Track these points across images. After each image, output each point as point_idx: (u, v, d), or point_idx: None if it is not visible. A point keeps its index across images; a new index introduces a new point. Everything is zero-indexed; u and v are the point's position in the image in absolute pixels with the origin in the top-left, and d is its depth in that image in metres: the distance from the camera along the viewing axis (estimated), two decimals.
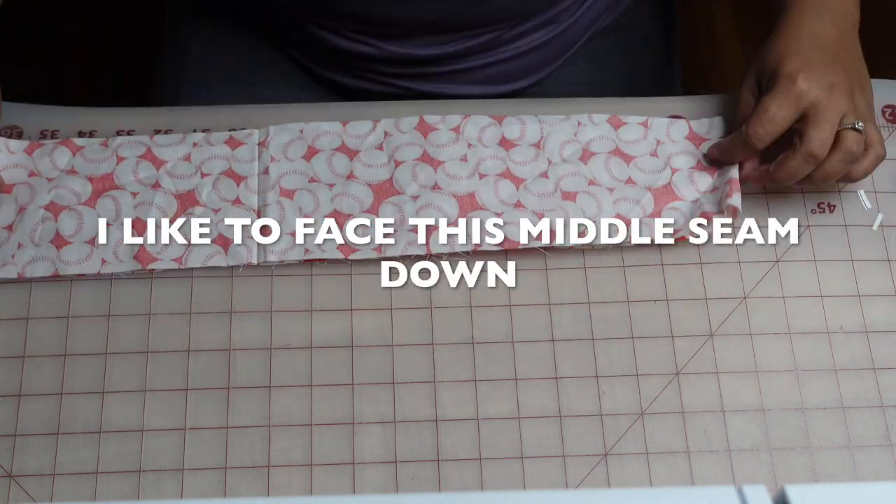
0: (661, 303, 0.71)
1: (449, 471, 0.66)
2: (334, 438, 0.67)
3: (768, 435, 0.67)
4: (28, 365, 0.68)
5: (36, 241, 0.71)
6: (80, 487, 0.65)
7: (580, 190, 0.74)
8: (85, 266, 0.70)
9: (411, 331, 0.70)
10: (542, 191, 0.74)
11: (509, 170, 0.75)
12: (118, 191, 0.73)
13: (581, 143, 0.76)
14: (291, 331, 0.70)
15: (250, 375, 0.68)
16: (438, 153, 0.75)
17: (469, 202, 0.73)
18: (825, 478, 0.66)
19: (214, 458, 0.66)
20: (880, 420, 0.68)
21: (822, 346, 0.70)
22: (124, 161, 0.74)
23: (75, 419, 0.67)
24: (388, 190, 0.74)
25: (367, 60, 0.88)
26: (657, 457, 0.66)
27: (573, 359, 0.69)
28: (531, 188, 0.74)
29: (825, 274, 0.72)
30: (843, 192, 0.75)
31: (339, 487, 0.65)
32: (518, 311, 0.70)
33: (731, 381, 0.69)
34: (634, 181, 0.74)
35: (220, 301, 0.70)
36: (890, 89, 0.80)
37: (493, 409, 0.68)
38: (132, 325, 0.69)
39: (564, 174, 0.75)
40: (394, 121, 0.76)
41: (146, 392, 0.67)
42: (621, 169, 0.75)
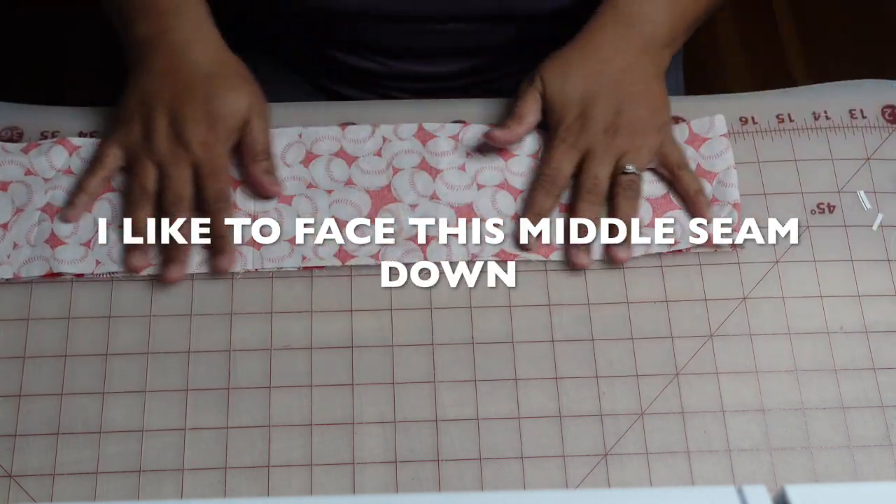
0: (661, 303, 0.71)
1: (449, 471, 0.66)
2: (334, 438, 0.67)
3: (768, 435, 0.67)
4: (28, 365, 0.68)
5: (32, 241, 0.71)
6: (80, 487, 0.65)
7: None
8: (80, 266, 0.70)
9: (411, 331, 0.70)
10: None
11: (507, 181, 0.74)
12: (114, 193, 0.73)
13: None
14: (291, 331, 0.70)
15: (250, 376, 0.68)
16: (437, 161, 0.75)
17: (467, 212, 0.73)
18: (825, 478, 0.66)
19: (214, 458, 0.66)
20: (880, 420, 0.68)
21: (822, 346, 0.70)
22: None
23: (75, 419, 0.67)
24: (387, 197, 0.73)
25: (371, 75, 0.88)
26: (657, 457, 0.66)
27: (573, 359, 0.69)
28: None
29: (825, 274, 0.72)
30: (843, 193, 0.75)
31: (339, 487, 0.65)
32: (518, 312, 0.70)
33: (731, 382, 0.69)
34: None
35: (221, 302, 0.70)
36: (890, 89, 0.80)
37: (493, 409, 0.68)
38: (133, 326, 0.69)
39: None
40: (392, 127, 0.76)
41: (146, 392, 0.67)
42: None
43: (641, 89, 0.74)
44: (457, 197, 0.74)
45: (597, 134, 0.72)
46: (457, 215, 0.73)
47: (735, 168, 0.74)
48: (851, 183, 0.76)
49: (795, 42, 1.65)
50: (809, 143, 0.77)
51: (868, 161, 0.77)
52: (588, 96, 0.73)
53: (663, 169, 0.74)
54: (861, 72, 0.83)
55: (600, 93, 0.73)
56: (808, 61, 1.63)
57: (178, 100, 0.71)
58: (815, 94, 0.79)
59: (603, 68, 0.74)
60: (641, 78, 0.74)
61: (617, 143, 0.72)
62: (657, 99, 0.75)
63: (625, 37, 0.74)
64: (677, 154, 0.74)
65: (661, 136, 0.74)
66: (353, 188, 0.74)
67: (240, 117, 0.72)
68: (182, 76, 0.72)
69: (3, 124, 0.76)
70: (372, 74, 0.88)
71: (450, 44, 0.84)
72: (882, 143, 0.77)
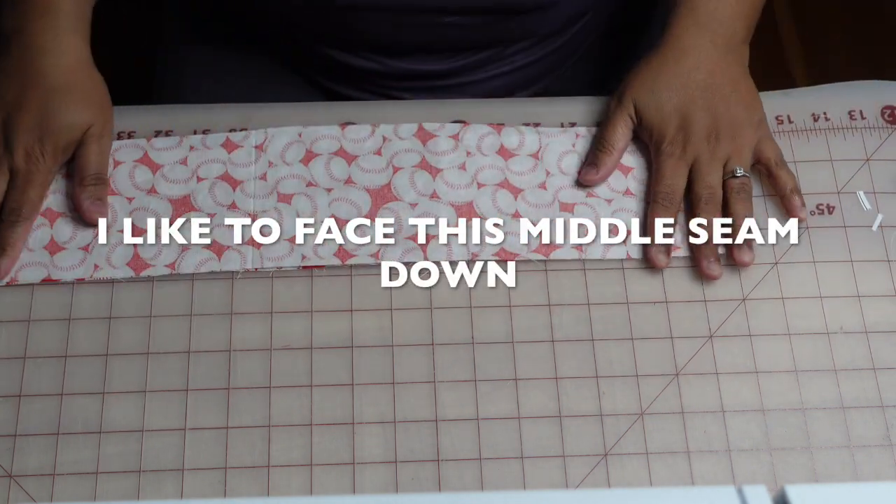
0: (661, 303, 0.71)
1: (449, 471, 0.66)
2: (334, 438, 0.67)
3: (768, 435, 0.67)
4: (29, 365, 0.68)
5: (30, 246, 0.71)
6: (80, 487, 0.65)
7: (578, 201, 0.74)
8: (78, 271, 0.70)
9: (411, 331, 0.70)
10: (540, 202, 0.74)
11: (507, 180, 0.74)
12: (114, 196, 0.73)
13: (579, 154, 0.76)
14: (291, 331, 0.70)
15: (250, 376, 0.68)
16: (437, 160, 0.75)
17: (467, 211, 0.73)
18: (825, 478, 0.66)
19: (214, 458, 0.66)
20: (880, 420, 0.68)
21: (822, 347, 0.70)
22: (121, 165, 0.74)
23: (75, 419, 0.67)
24: (387, 195, 0.73)
25: (369, 74, 0.88)
26: (657, 457, 0.66)
27: (573, 359, 0.69)
28: (529, 199, 0.74)
29: (825, 275, 0.72)
30: (843, 193, 0.75)
31: (339, 487, 0.65)
32: (518, 312, 0.70)
33: (731, 382, 0.69)
34: (632, 192, 0.74)
35: (221, 302, 0.70)
36: (889, 90, 0.80)
37: (493, 409, 0.68)
38: (133, 326, 0.69)
39: (563, 185, 0.75)
40: (392, 126, 0.76)
41: (146, 392, 0.67)
42: (619, 180, 0.75)
43: (732, 89, 0.74)
44: (457, 196, 0.74)
45: (700, 142, 0.72)
46: (457, 214, 0.73)
47: None
48: (851, 184, 0.76)
49: (795, 42, 1.65)
50: (809, 144, 0.77)
51: (868, 162, 0.77)
52: (683, 106, 0.73)
53: (760, 165, 0.74)
54: (861, 72, 0.83)
55: (695, 100, 0.73)
56: (808, 61, 1.63)
57: (16, 105, 0.71)
58: (815, 95, 0.79)
59: (692, 75, 0.73)
60: (730, 78, 0.74)
61: (721, 148, 0.72)
62: (749, 95, 0.75)
63: (708, 38, 0.74)
64: (775, 150, 0.74)
65: (759, 133, 0.74)
66: (352, 187, 0.74)
67: (72, 136, 0.72)
68: (26, 82, 0.72)
69: None
70: (370, 73, 0.88)
71: (448, 39, 0.84)
72: (882, 143, 0.77)
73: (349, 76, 0.89)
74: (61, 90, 0.72)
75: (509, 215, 0.73)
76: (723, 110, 0.73)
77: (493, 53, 0.87)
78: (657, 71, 0.74)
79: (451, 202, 0.73)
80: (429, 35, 0.83)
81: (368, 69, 0.87)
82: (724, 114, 0.73)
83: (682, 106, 0.73)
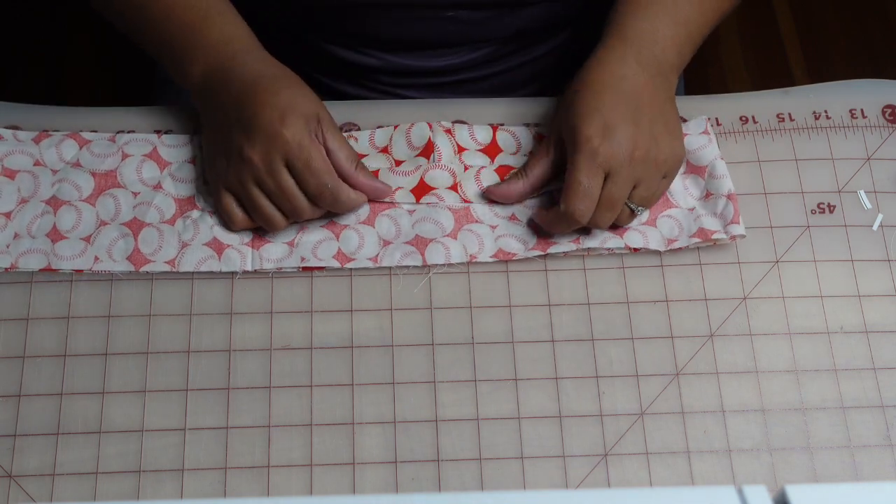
0: (661, 303, 0.71)
1: (449, 471, 0.66)
2: (334, 438, 0.67)
3: (768, 435, 0.67)
4: (28, 365, 0.68)
5: (32, 233, 0.71)
6: (80, 487, 0.65)
7: None
8: (78, 262, 0.70)
9: (411, 331, 0.70)
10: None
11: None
12: (120, 189, 0.73)
13: None
14: (291, 331, 0.70)
15: (250, 376, 0.68)
16: (435, 164, 0.74)
17: (464, 215, 0.73)
18: (825, 478, 0.66)
19: (214, 458, 0.66)
20: (880, 420, 0.68)
21: (822, 346, 0.70)
22: (129, 158, 0.74)
23: (75, 419, 0.67)
24: (385, 201, 0.73)
25: (370, 71, 0.88)
26: (657, 457, 0.66)
27: (573, 359, 0.69)
28: (526, 201, 0.74)
29: (825, 274, 0.72)
30: (843, 193, 0.75)
31: (339, 487, 0.65)
32: (518, 312, 0.70)
33: (731, 382, 0.69)
34: None
35: (221, 302, 0.70)
36: (890, 89, 0.80)
37: (493, 409, 0.68)
38: (132, 325, 0.69)
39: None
40: (390, 132, 0.76)
41: (146, 392, 0.67)
42: None
43: (658, 112, 0.71)
44: (454, 199, 0.74)
45: (621, 155, 0.69)
46: (454, 218, 0.73)
47: (722, 159, 0.74)
48: (852, 183, 0.76)
49: (795, 42, 1.65)
50: (809, 143, 0.77)
51: (868, 161, 0.77)
52: (607, 110, 0.70)
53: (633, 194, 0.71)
54: (861, 72, 0.83)
55: (618, 107, 0.70)
56: (808, 61, 1.63)
57: (290, 107, 0.71)
58: (816, 94, 0.79)
59: (619, 84, 0.71)
60: (657, 102, 0.72)
61: (636, 170, 0.70)
62: (674, 124, 0.72)
63: (633, 58, 0.72)
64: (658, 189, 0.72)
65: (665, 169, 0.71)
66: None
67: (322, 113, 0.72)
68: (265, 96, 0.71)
69: (3, 124, 0.76)
70: (370, 70, 0.88)
71: (449, 35, 0.84)
72: (882, 142, 0.77)
73: (350, 73, 0.89)
74: (295, 83, 0.73)
75: (506, 218, 0.73)
76: (647, 130, 0.70)
77: (493, 50, 0.87)
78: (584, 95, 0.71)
79: (448, 206, 0.73)
80: (430, 31, 0.83)
81: (369, 65, 0.87)
82: (648, 135, 0.70)
83: (605, 109, 0.70)
